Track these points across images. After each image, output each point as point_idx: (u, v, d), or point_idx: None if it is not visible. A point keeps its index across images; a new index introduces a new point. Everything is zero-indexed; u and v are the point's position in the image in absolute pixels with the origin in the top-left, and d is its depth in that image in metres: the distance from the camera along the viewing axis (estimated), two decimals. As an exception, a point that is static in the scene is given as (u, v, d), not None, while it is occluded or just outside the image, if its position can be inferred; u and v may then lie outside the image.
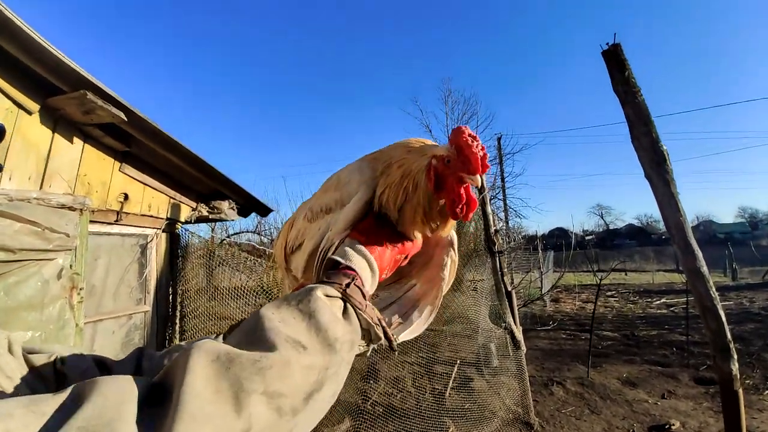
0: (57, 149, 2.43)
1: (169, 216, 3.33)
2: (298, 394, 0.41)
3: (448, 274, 0.77)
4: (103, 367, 0.57)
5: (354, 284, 0.57)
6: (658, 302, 12.30)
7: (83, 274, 2.59)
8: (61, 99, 2.27)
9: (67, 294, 2.51)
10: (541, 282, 12.05)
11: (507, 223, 14.04)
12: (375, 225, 0.69)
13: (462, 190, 0.65)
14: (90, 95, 2.26)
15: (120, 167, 2.91)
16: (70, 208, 2.48)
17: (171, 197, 3.38)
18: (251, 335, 0.44)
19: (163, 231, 3.32)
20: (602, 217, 63.59)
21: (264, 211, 4.46)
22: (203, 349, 0.38)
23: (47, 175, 2.36)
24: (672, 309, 10.96)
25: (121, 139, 2.78)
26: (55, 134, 2.42)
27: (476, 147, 0.62)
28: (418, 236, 0.70)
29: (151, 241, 3.22)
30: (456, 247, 0.78)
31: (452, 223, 0.72)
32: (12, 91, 2.03)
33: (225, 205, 3.62)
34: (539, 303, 11.13)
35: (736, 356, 2.15)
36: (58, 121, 2.42)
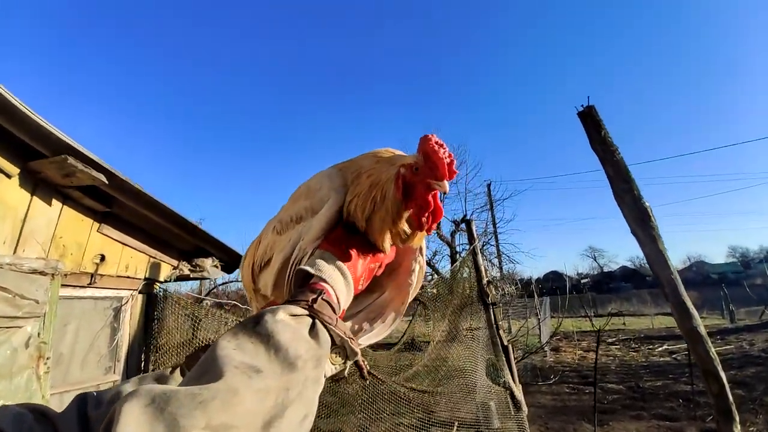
0: (34, 212, 2.37)
1: (147, 276, 3.21)
2: (253, 423, 0.37)
3: (416, 280, 0.76)
4: (45, 420, 0.53)
5: (321, 299, 0.53)
6: (660, 349, 11.98)
7: (50, 343, 2.42)
8: (42, 163, 2.25)
9: (34, 364, 2.35)
10: (540, 330, 11.73)
11: (501, 269, 13.87)
12: (346, 234, 0.66)
13: (430, 197, 0.64)
14: (71, 159, 2.24)
15: (99, 228, 2.84)
16: (42, 273, 2.37)
17: (151, 256, 3.28)
18: (204, 367, 0.41)
19: (139, 292, 3.17)
20: (595, 260, 63.54)
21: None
22: (137, 395, 0.36)
23: (22, 238, 2.28)
24: (674, 356, 10.64)
25: (102, 200, 2.73)
26: (34, 197, 2.37)
27: (443, 153, 0.61)
28: (388, 245, 0.67)
29: (125, 303, 3.06)
30: (424, 253, 0.77)
31: (422, 234, 0.70)
32: (-9, 156, 2.01)
33: (208, 262, 3.51)
34: (539, 352, 10.74)
35: (738, 418, 2.04)
36: (37, 184, 2.38)
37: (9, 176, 2.14)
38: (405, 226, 0.66)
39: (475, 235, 6.92)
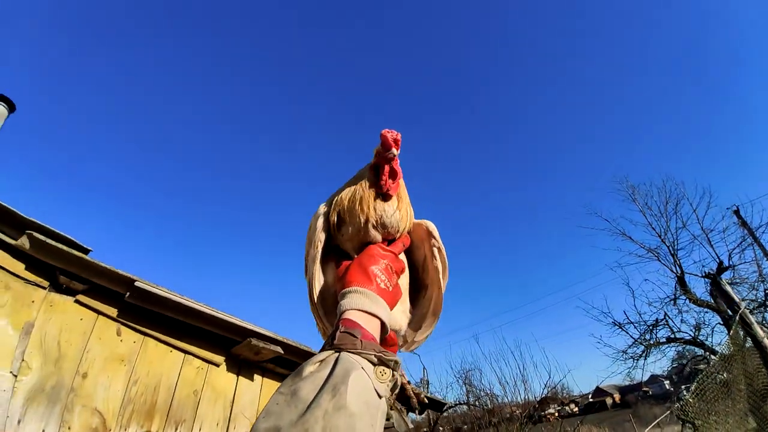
0: (241, 390, 2.94)
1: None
2: None
3: (440, 262, 0.89)
4: None
5: (340, 332, 0.59)
6: None
7: None
8: (238, 348, 2.90)
9: None
10: None
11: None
12: (344, 260, 0.80)
13: (387, 166, 0.81)
14: (254, 340, 2.82)
15: (291, 393, 3.25)
16: (250, 450, 2.77)
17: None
18: None
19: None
20: None
21: (438, 406, 4.02)
22: None
23: (232, 417, 2.80)
24: None
25: (288, 367, 3.21)
26: (239, 377, 2.98)
27: (388, 132, 0.78)
28: (374, 214, 0.80)
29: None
30: (437, 235, 0.89)
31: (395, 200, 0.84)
32: (202, 352, 2.73)
33: (394, 414, 3.44)
34: None
35: None
36: (241, 366, 3.02)
37: (217, 365, 2.80)
38: (379, 201, 0.81)
39: (734, 297, 4.92)
